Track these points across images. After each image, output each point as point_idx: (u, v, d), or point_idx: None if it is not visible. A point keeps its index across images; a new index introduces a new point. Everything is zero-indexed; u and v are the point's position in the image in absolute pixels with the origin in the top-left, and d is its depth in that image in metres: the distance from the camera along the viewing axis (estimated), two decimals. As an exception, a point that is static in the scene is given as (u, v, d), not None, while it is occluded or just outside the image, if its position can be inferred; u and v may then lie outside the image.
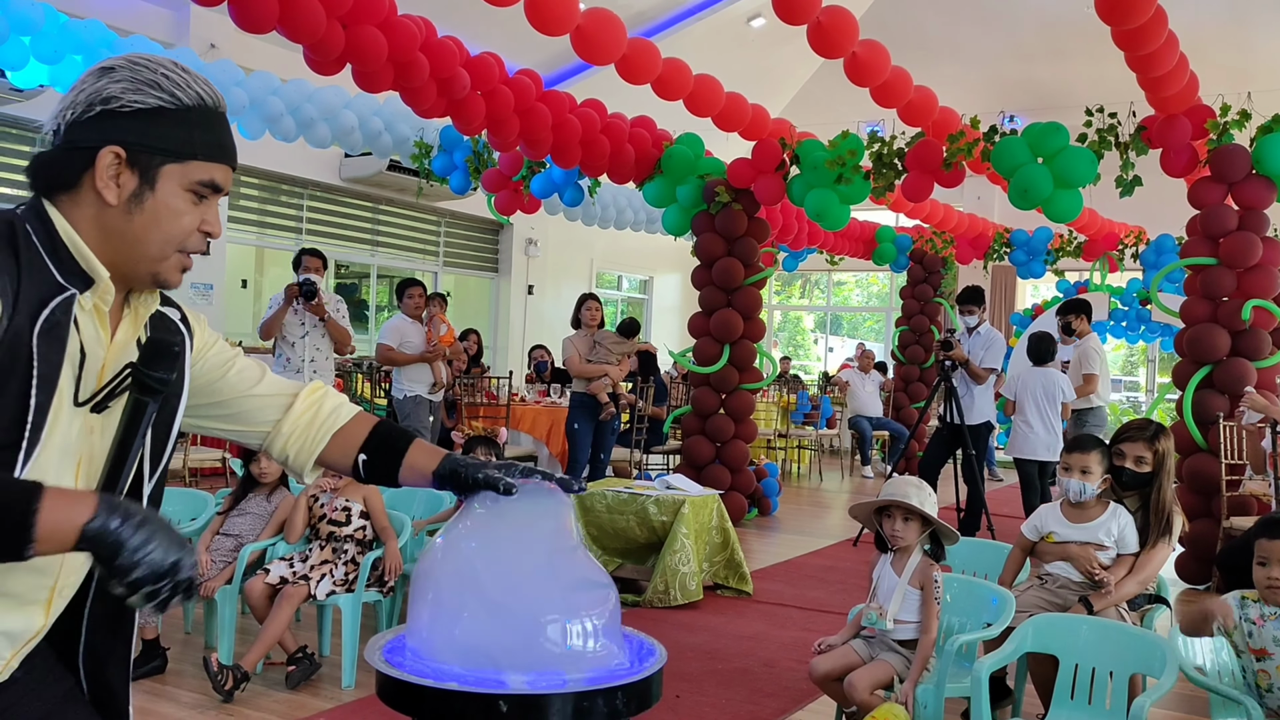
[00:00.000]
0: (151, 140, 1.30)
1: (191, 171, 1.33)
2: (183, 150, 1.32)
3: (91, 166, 1.29)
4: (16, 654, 1.29)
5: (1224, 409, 6.11)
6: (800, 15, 5.58)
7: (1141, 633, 3.01)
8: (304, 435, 1.63)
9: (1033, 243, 11.29)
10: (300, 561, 4.00)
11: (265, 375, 1.63)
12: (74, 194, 1.31)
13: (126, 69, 1.32)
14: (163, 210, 1.32)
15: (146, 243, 1.33)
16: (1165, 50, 5.67)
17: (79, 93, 1.31)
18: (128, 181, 1.30)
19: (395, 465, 1.64)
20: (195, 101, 1.34)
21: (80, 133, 1.30)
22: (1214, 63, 8.87)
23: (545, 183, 8.09)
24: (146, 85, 1.31)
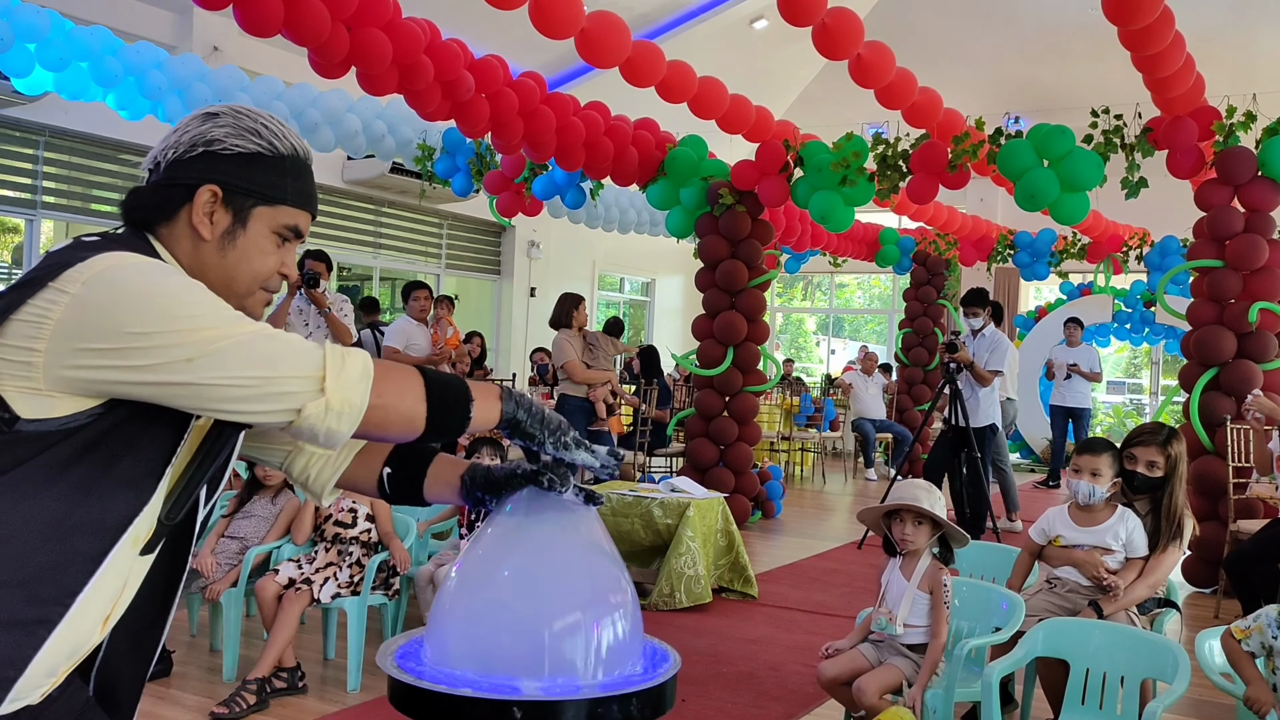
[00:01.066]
0: (247, 183, 1.38)
1: (280, 215, 1.41)
2: (275, 195, 1.40)
3: (189, 202, 1.36)
4: (68, 671, 1.29)
5: (1231, 411, 6.10)
6: (805, 17, 5.57)
7: (1153, 637, 2.99)
8: (325, 455, 1.64)
9: (1036, 245, 11.28)
10: (306, 564, 3.99)
11: None
12: (170, 227, 1.37)
13: (230, 116, 1.40)
14: (253, 249, 1.40)
15: (237, 278, 1.40)
16: (1172, 50, 5.66)
17: (183, 133, 1.38)
18: (221, 219, 1.37)
19: (420, 476, 1.64)
20: (290, 151, 1.42)
21: (181, 171, 1.37)
22: (1220, 64, 8.86)
23: (547, 185, 8.08)
24: (248, 132, 1.39)
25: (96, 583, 1.24)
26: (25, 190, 9.14)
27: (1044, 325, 13.53)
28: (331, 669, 4.13)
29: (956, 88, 10.63)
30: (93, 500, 1.22)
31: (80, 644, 1.28)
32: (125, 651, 1.39)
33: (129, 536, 1.26)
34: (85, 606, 1.24)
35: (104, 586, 1.26)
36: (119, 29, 7.05)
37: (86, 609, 1.25)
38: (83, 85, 6.63)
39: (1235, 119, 6.11)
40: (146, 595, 1.37)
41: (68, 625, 1.23)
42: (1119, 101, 6.49)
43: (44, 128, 9.00)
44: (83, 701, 1.34)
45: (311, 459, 1.63)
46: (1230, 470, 5.88)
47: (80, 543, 1.22)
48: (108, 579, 1.26)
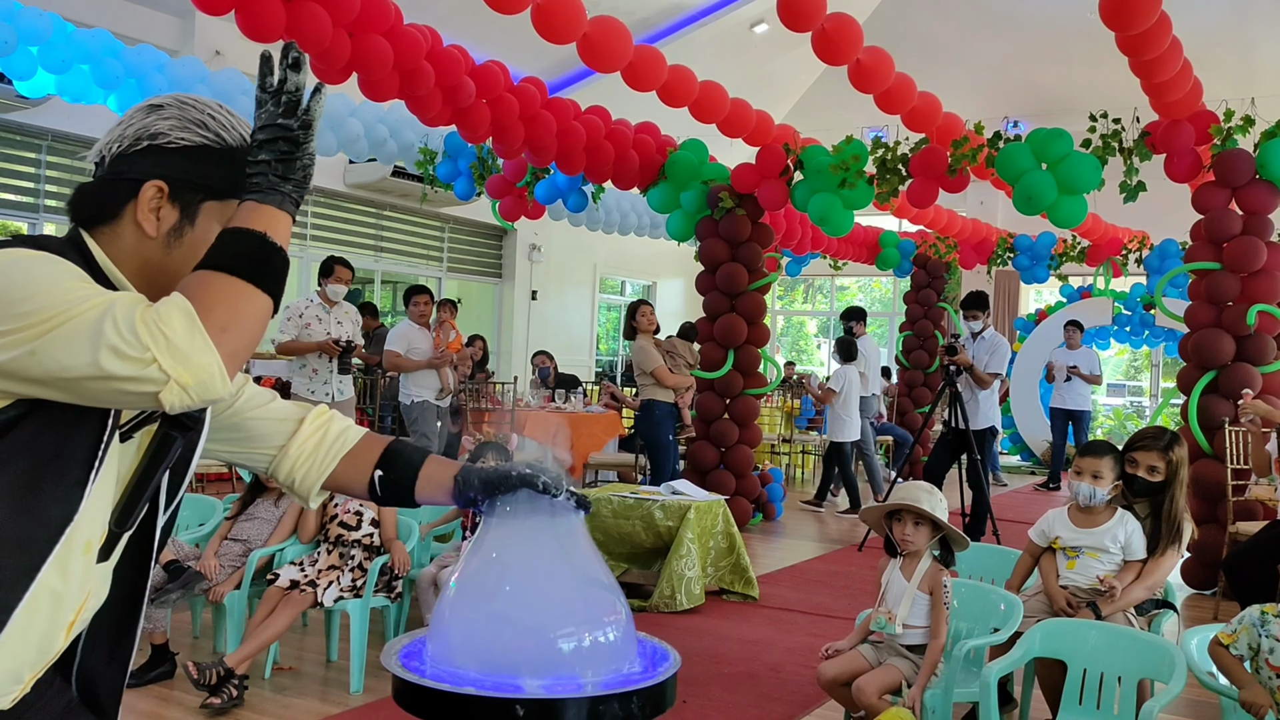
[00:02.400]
0: (195, 177, 1.33)
1: (230, 210, 1.34)
2: (224, 188, 1.34)
3: (134, 199, 1.31)
4: (34, 677, 1.29)
5: (1229, 414, 6.11)
6: (805, 22, 5.60)
7: (1150, 638, 3.01)
8: (311, 458, 1.61)
9: (1036, 248, 11.30)
10: (309, 565, 4.01)
11: (274, 399, 1.63)
12: (114, 226, 1.32)
13: (175, 107, 1.35)
14: (201, 245, 1.31)
15: (182, 275, 1.32)
16: (1169, 56, 5.69)
17: (127, 126, 1.33)
18: (168, 215, 1.32)
19: (411, 478, 1.63)
20: (239, 143, 1.36)
21: (125, 165, 1.32)
22: (1218, 68, 8.89)
23: (549, 189, 8.11)
24: (193, 124, 1.34)
25: (34, 596, 1.21)
26: (28, 194, 9.18)
27: (1044, 328, 13.54)
28: (334, 670, 4.15)
29: (956, 92, 10.66)
30: (16, 514, 1.18)
31: (40, 652, 1.26)
32: (101, 656, 1.39)
33: (75, 545, 1.23)
34: (26, 620, 1.21)
35: (48, 598, 1.23)
36: (121, 33, 7.08)
37: (30, 622, 1.22)
38: (84, 88, 6.66)
39: (1233, 123, 6.14)
40: (115, 599, 1.36)
41: (9, 639, 1.20)
42: (1118, 105, 6.52)
43: (46, 132, 9.04)
44: (64, 703, 1.34)
45: (296, 464, 1.61)
46: (1229, 473, 5.90)
47: (7, 558, 1.18)
48: (56, 590, 1.23)
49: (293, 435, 1.61)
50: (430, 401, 7.53)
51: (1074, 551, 3.51)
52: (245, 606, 4.07)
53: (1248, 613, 2.79)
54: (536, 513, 1.54)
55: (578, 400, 9.26)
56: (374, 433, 1.71)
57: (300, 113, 1.32)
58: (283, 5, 4.88)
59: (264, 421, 1.60)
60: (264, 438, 1.61)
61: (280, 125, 1.30)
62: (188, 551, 4.18)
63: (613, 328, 17.07)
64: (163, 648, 3.92)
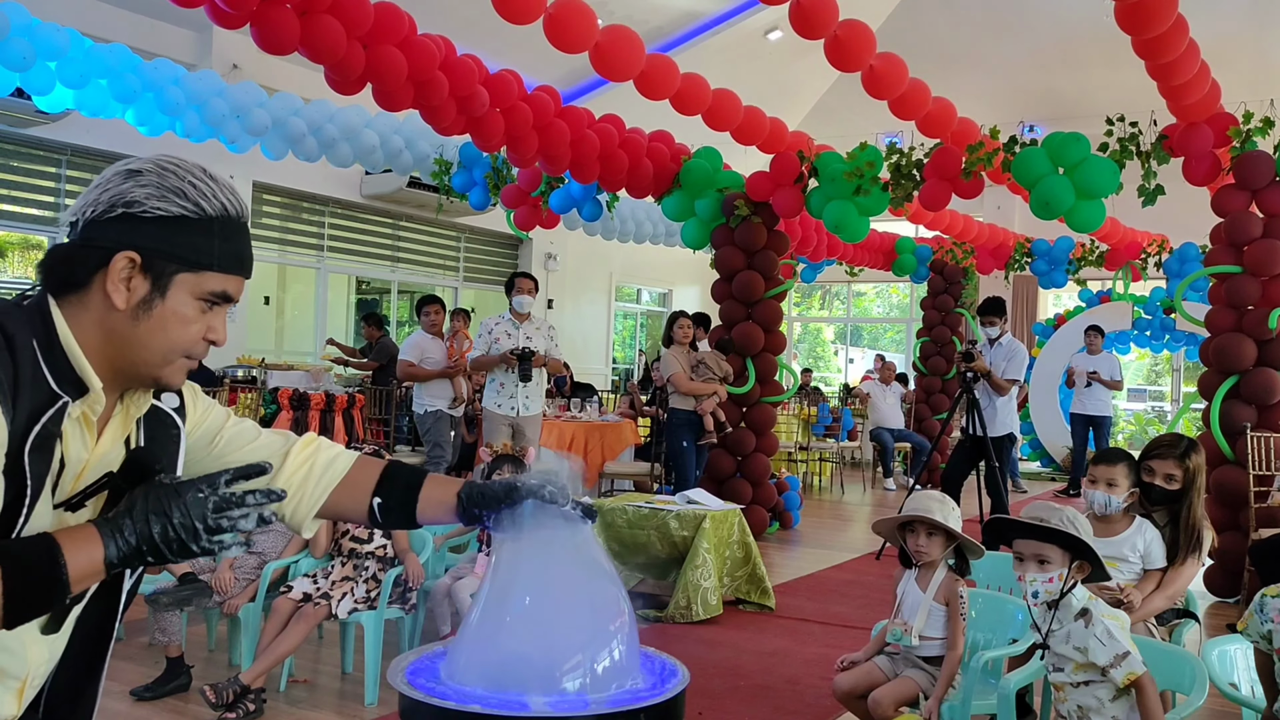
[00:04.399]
0: (169, 248, 1.29)
1: (205, 282, 1.32)
2: (200, 260, 1.31)
3: (104, 267, 1.27)
4: None
5: (1251, 420, 6.05)
6: (817, 29, 5.59)
7: (1171, 648, 2.96)
8: (300, 491, 1.60)
9: (1054, 252, 11.22)
10: (323, 578, 4.01)
11: (259, 436, 1.60)
12: (82, 295, 1.29)
13: (154, 174, 1.31)
14: (171, 318, 1.31)
15: (149, 349, 1.31)
16: (1186, 58, 5.64)
17: (103, 191, 1.30)
18: (139, 287, 1.29)
19: (412, 502, 1.61)
20: (219, 212, 1.33)
21: (98, 232, 1.28)
22: (1236, 70, 8.81)
23: (564, 198, 8.12)
24: (172, 192, 1.30)
25: None
26: (49, 208, 9.26)
27: (1063, 333, 13.45)
28: (349, 683, 4.15)
29: (972, 97, 10.62)
30: None
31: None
32: (62, 715, 1.37)
33: None
34: None
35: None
36: (139, 48, 7.14)
37: None
38: (102, 102, 6.72)
39: (1252, 125, 6.08)
40: (70, 666, 1.34)
41: None
42: (1136, 108, 6.47)
43: (66, 146, 9.12)
44: None
45: (284, 500, 1.58)
46: (1251, 479, 5.83)
47: None
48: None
49: (279, 470, 1.59)
50: (444, 411, 7.54)
51: (1092, 562, 3.46)
52: (260, 619, 4.07)
53: (1256, 598, 2.76)
54: (543, 526, 1.53)
55: (593, 409, 9.26)
56: (368, 456, 1.69)
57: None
58: (297, 18, 4.91)
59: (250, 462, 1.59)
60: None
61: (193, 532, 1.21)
62: (203, 564, 4.19)
63: (629, 336, 17.06)
64: (178, 660, 3.93)
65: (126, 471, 1.32)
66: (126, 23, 8.98)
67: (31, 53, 6.06)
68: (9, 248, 10.44)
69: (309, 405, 8.79)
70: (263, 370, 8.83)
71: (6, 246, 10.40)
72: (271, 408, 8.63)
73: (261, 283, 11.76)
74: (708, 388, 7.25)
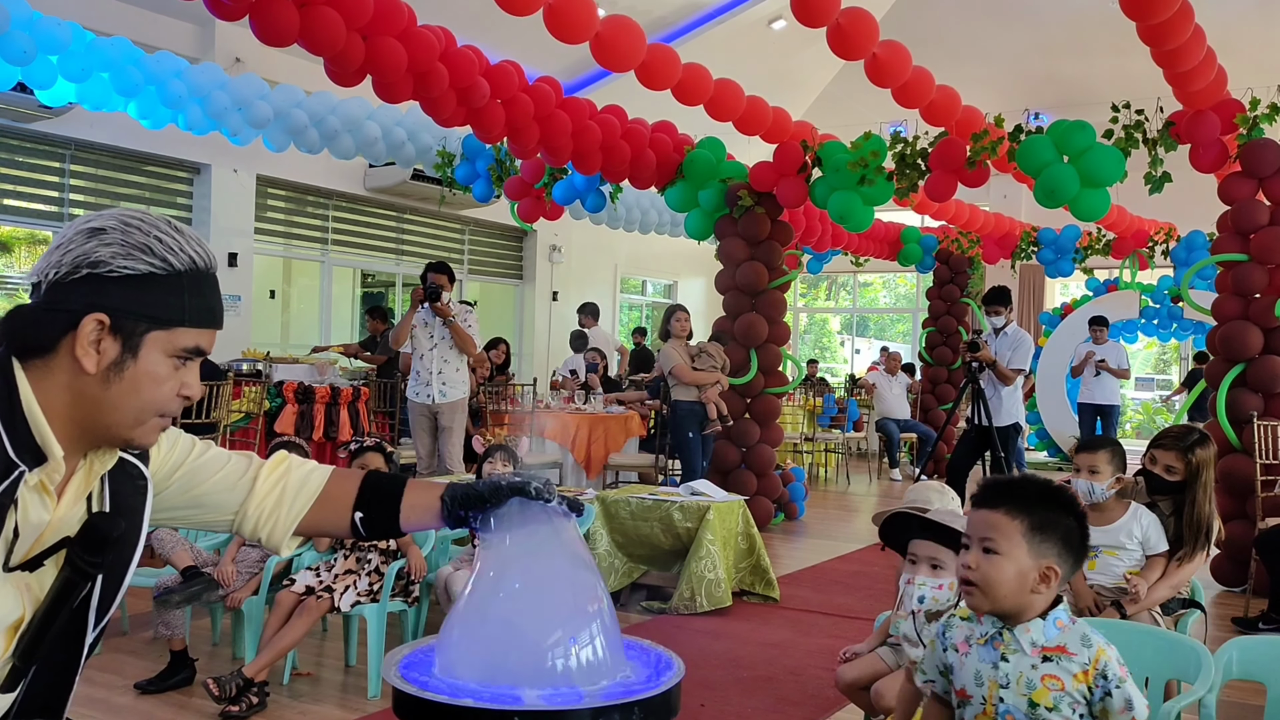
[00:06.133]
0: (139, 308, 1.25)
1: (177, 338, 1.29)
2: (171, 317, 1.28)
3: (72, 330, 1.23)
4: None
5: (1258, 408, 6.01)
6: (819, 18, 5.56)
7: (1177, 637, 2.94)
8: (274, 514, 1.58)
9: (1060, 241, 11.18)
10: (325, 571, 4.01)
11: (228, 462, 1.58)
12: (48, 359, 1.25)
13: (118, 231, 1.26)
14: (143, 378, 1.27)
15: (122, 410, 1.27)
16: (1191, 44, 5.60)
17: (65, 251, 1.25)
18: (109, 349, 1.25)
19: (394, 511, 1.59)
20: (187, 266, 1.29)
21: (63, 294, 1.24)
22: (1242, 56, 8.75)
23: (567, 189, 8.10)
24: (138, 250, 1.26)
25: None
26: (53, 203, 9.27)
27: (1069, 322, 13.40)
28: (353, 676, 4.15)
29: (977, 85, 10.56)
30: None
31: None
32: None
33: None
34: None
35: None
36: (141, 41, 7.13)
37: None
38: (105, 96, 6.71)
39: (1259, 111, 6.03)
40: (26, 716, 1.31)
41: None
42: (1142, 95, 6.42)
43: (70, 141, 9.13)
44: None
45: (259, 522, 1.58)
46: (1258, 467, 5.80)
47: None
48: None
49: (249, 494, 1.57)
50: (449, 404, 7.53)
51: (1091, 551, 3.44)
52: (263, 613, 4.07)
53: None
54: (529, 523, 1.52)
55: (597, 401, 9.25)
56: (344, 469, 1.67)
57: None
58: (296, 9, 4.89)
59: (218, 493, 1.56)
60: (220, 506, 1.57)
61: None
62: (206, 558, 4.19)
63: (635, 327, 17.05)
64: (182, 654, 3.93)
65: (84, 538, 1.28)
66: (128, 16, 8.97)
67: (33, 47, 6.05)
68: (15, 243, 10.46)
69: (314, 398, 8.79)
70: (268, 364, 8.84)
71: (12, 241, 10.42)
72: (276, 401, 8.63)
73: (266, 276, 11.76)
74: (710, 377, 7.25)
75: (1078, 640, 1.82)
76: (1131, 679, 1.80)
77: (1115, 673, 1.78)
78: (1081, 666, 1.79)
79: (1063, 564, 1.83)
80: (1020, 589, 1.81)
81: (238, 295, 10.32)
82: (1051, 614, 1.84)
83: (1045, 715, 1.79)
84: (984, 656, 1.87)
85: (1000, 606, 1.83)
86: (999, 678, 1.84)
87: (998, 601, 1.82)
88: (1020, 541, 1.81)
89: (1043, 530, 1.82)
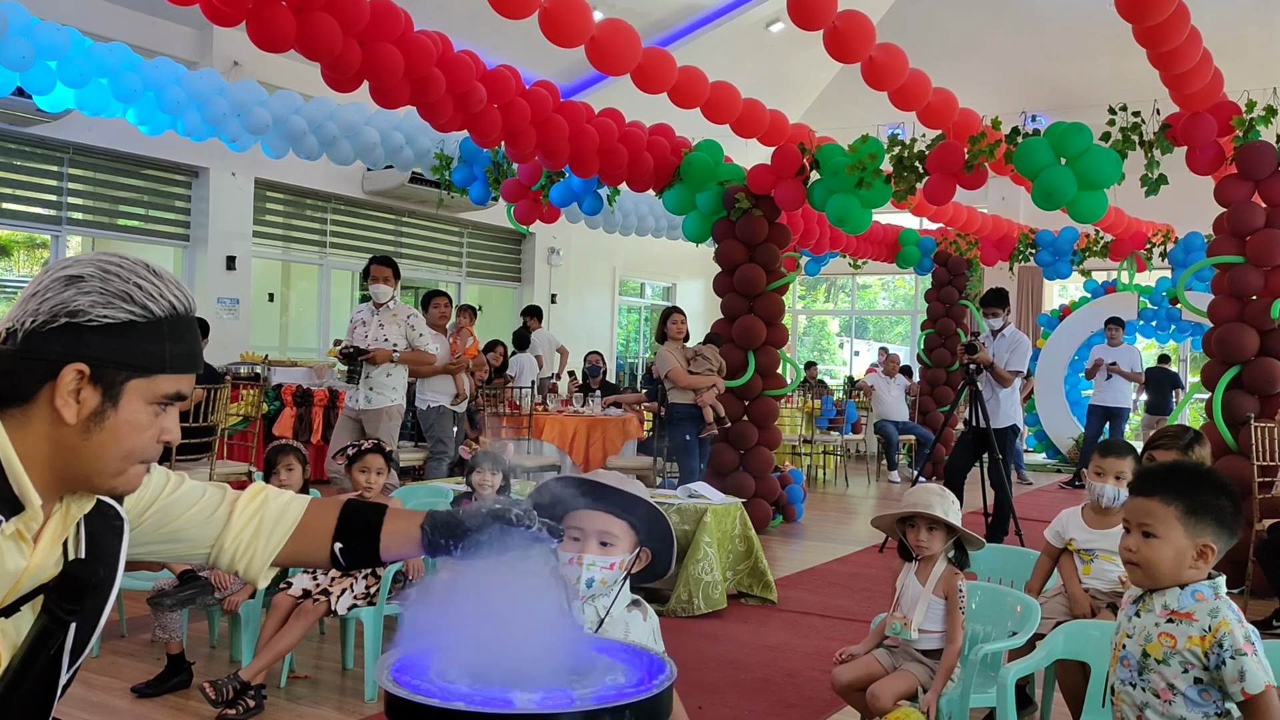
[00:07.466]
0: (119, 357, 1.23)
1: (158, 385, 1.27)
2: (151, 365, 1.26)
3: (51, 380, 1.21)
4: None
5: (1254, 409, 6.02)
6: (816, 20, 5.57)
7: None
8: (251, 546, 1.57)
9: (1058, 243, 11.19)
10: (322, 574, 4.02)
11: (204, 495, 1.57)
12: (26, 408, 1.23)
13: (97, 279, 1.24)
14: (124, 427, 1.25)
15: (103, 459, 1.26)
16: (1187, 47, 5.61)
17: (42, 300, 1.23)
18: (89, 398, 1.23)
19: (374, 541, 1.59)
20: (167, 312, 1.27)
21: (41, 343, 1.21)
22: (1239, 58, 8.76)
23: (564, 192, 8.11)
24: (117, 298, 1.24)
25: None
26: (51, 206, 9.28)
27: (1068, 324, 13.42)
28: (350, 679, 4.15)
29: (973, 87, 10.58)
30: None
31: None
32: None
33: None
34: None
35: None
36: (139, 46, 7.14)
37: None
38: (103, 101, 6.72)
39: (1255, 113, 6.05)
40: None
41: None
42: (1140, 98, 6.44)
43: (68, 145, 9.14)
44: None
45: (236, 555, 1.57)
46: (1255, 469, 5.81)
47: None
48: None
49: (224, 529, 1.57)
50: (446, 407, 7.55)
51: (1088, 555, 3.45)
52: (260, 616, 4.07)
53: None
54: (510, 549, 1.55)
55: (595, 404, 9.26)
56: (322, 499, 1.67)
57: None
58: (293, 15, 4.90)
59: (193, 527, 1.55)
60: (196, 540, 1.56)
61: None
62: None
63: (633, 330, 17.06)
64: (179, 658, 3.93)
65: (62, 586, 1.27)
66: (127, 21, 8.98)
67: (32, 52, 6.06)
68: (13, 247, 10.47)
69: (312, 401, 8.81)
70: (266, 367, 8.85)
71: (11, 245, 10.43)
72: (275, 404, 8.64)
73: (265, 280, 11.77)
74: (706, 380, 7.25)
75: (1206, 612, 2.02)
76: (1260, 656, 1.97)
77: (1234, 644, 1.96)
78: (1200, 632, 2.00)
79: (1218, 540, 2.04)
80: (1178, 567, 2.03)
81: (236, 299, 10.33)
82: (1191, 586, 2.05)
83: (1154, 666, 2.05)
84: (1130, 611, 2.16)
85: (1160, 584, 2.07)
86: (1130, 629, 2.13)
87: (1157, 580, 2.07)
88: (1176, 525, 2.02)
89: (1197, 513, 2.02)
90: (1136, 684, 2.09)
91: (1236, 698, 1.96)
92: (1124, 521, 2.12)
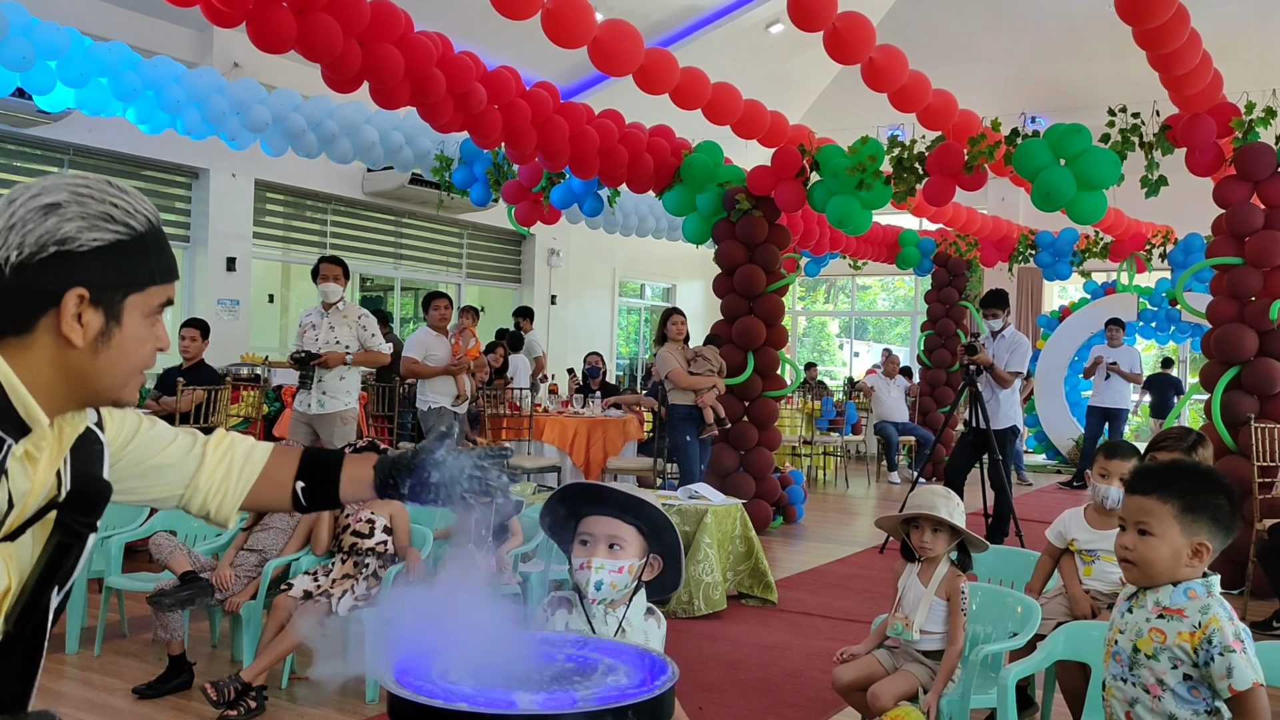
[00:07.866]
0: (115, 276, 1.28)
1: (151, 297, 1.33)
2: (144, 280, 1.32)
3: (52, 310, 1.25)
4: None
5: (1253, 410, 6.03)
6: (816, 22, 5.57)
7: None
8: (222, 488, 1.62)
9: (1058, 244, 11.20)
10: (323, 575, 4.02)
11: (176, 437, 1.61)
12: (25, 337, 1.26)
13: (74, 204, 1.27)
14: (129, 343, 1.31)
15: (112, 375, 1.31)
16: (1187, 49, 5.62)
17: (24, 233, 1.24)
18: (92, 321, 1.27)
19: (334, 482, 1.66)
20: (146, 226, 1.32)
21: (33, 275, 1.24)
22: (1238, 60, 8.77)
23: (564, 193, 8.11)
24: (100, 219, 1.27)
25: None
26: (51, 207, 9.27)
27: (1068, 325, 13.42)
28: (351, 680, 4.15)
29: (973, 88, 10.58)
30: None
31: None
32: None
33: None
34: None
35: None
36: (139, 46, 7.14)
37: None
38: (103, 101, 6.73)
39: (1254, 115, 6.05)
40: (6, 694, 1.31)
41: None
42: (1139, 99, 6.44)
43: (68, 146, 9.13)
44: None
45: (208, 496, 1.61)
46: (1255, 470, 5.81)
47: None
48: None
49: (199, 468, 1.61)
50: (447, 408, 7.55)
51: (1090, 556, 3.46)
52: (261, 617, 4.07)
53: None
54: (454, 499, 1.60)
55: (595, 405, 9.26)
56: (282, 446, 1.72)
57: None
58: (293, 16, 4.90)
59: (169, 466, 1.59)
60: (171, 479, 1.59)
61: None
62: (204, 563, 4.20)
63: (633, 331, 17.06)
64: (180, 658, 3.94)
65: (76, 500, 1.31)
66: (126, 21, 8.98)
67: (32, 52, 6.06)
68: (13, 247, 10.46)
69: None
70: (266, 368, 8.84)
71: (10, 246, 10.43)
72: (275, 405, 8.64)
73: (265, 281, 11.77)
74: (706, 381, 7.26)
75: (1197, 609, 2.02)
76: (1248, 654, 1.97)
77: (1223, 641, 1.97)
78: (1191, 628, 2.00)
79: (1214, 539, 2.04)
80: (1174, 564, 2.04)
81: (236, 300, 10.33)
82: (1185, 584, 2.05)
83: (1144, 661, 2.07)
84: (1124, 606, 2.17)
85: (1156, 581, 2.07)
86: (1123, 624, 2.14)
87: (1153, 578, 2.07)
88: (1172, 523, 2.03)
89: (1193, 511, 2.03)
90: (1127, 679, 2.10)
91: (1224, 694, 1.96)
92: (1120, 520, 2.13)
